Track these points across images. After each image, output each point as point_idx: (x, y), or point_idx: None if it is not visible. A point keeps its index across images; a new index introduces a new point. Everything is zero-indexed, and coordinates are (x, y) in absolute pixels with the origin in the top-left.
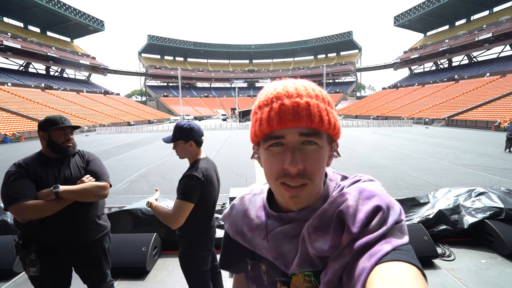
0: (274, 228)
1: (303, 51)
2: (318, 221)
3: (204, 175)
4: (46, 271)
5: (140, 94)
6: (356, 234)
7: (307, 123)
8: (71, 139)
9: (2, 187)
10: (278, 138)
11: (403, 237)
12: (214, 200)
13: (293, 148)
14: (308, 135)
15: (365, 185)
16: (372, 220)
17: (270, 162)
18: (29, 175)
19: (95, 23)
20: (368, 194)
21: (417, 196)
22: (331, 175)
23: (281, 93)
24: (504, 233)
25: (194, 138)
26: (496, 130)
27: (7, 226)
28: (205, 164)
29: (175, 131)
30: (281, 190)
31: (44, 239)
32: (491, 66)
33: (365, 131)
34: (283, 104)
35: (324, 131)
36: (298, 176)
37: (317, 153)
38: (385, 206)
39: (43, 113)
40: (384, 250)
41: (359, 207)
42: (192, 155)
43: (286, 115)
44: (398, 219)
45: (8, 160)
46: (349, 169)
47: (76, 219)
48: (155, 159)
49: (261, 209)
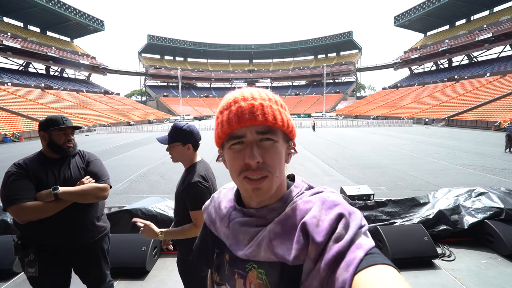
0: (235, 218)
1: (303, 51)
2: (281, 228)
3: (206, 179)
4: (44, 272)
5: (140, 94)
6: (323, 244)
7: (262, 121)
8: (72, 140)
9: (1, 187)
10: (238, 138)
11: (369, 239)
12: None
13: (252, 144)
14: (264, 133)
15: (326, 195)
16: (336, 228)
17: (233, 159)
18: (29, 175)
19: (95, 23)
20: (330, 204)
21: (417, 196)
22: (298, 183)
23: (238, 97)
24: (504, 233)
25: (192, 141)
26: (496, 130)
27: (8, 226)
28: (203, 167)
29: (172, 132)
30: (244, 184)
31: (43, 240)
32: (491, 66)
33: (365, 131)
34: (240, 106)
35: (278, 129)
36: (259, 168)
37: (273, 147)
38: (347, 212)
39: (43, 113)
40: (358, 257)
41: (322, 217)
42: (188, 159)
43: (243, 115)
44: (361, 223)
45: (8, 160)
46: (349, 169)
47: (75, 220)
48: (155, 159)
49: (230, 202)
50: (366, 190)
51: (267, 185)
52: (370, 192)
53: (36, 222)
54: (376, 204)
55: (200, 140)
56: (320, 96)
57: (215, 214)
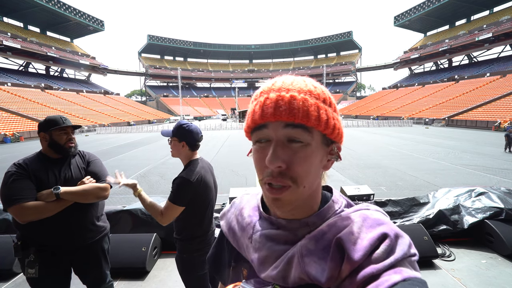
0: (261, 230)
1: (303, 51)
2: (315, 244)
3: (196, 178)
4: (44, 273)
5: (140, 94)
6: (359, 263)
7: (289, 117)
8: (73, 139)
9: (1, 187)
10: (262, 132)
11: (416, 272)
12: (210, 203)
13: (277, 143)
14: (293, 127)
15: (369, 212)
16: (377, 248)
17: (255, 158)
18: (29, 175)
19: (95, 23)
20: (372, 222)
21: (417, 196)
22: (336, 197)
23: (270, 87)
24: (504, 233)
25: (188, 140)
26: (496, 130)
27: (9, 226)
28: (199, 166)
29: (174, 127)
30: (264, 190)
31: (42, 240)
32: (491, 66)
33: (365, 131)
34: (268, 98)
35: (313, 128)
36: (279, 175)
37: (303, 151)
38: (393, 234)
39: (43, 113)
40: (392, 280)
41: (362, 235)
42: (184, 156)
43: (268, 108)
44: (408, 251)
45: (8, 160)
46: (349, 169)
47: (75, 220)
48: (155, 159)
49: (255, 209)
50: (366, 190)
51: (288, 196)
52: (370, 192)
53: (36, 222)
54: (376, 204)
55: (199, 141)
56: None
57: (235, 222)
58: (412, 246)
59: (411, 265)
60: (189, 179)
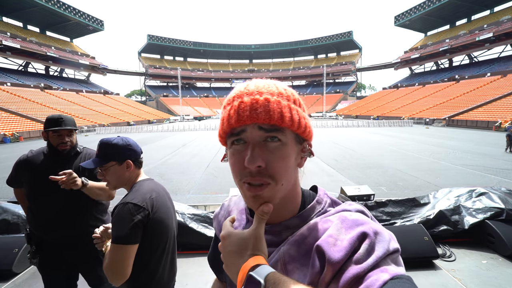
0: None
1: (303, 51)
2: (296, 249)
3: (146, 201)
4: (46, 266)
5: (139, 94)
6: (340, 264)
7: (265, 119)
8: (66, 142)
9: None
10: (239, 135)
11: (400, 268)
12: (171, 235)
13: (254, 144)
14: (268, 130)
15: (348, 214)
16: (358, 248)
17: (232, 160)
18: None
19: (94, 23)
20: (351, 223)
21: (418, 197)
22: (320, 197)
23: (242, 92)
24: (504, 233)
25: (131, 156)
26: (497, 130)
27: (9, 226)
28: (150, 185)
29: (102, 150)
30: (243, 189)
31: (44, 235)
32: (492, 66)
33: (366, 131)
34: (242, 102)
35: (287, 129)
36: (259, 174)
37: (279, 150)
38: (372, 232)
39: (42, 113)
40: (382, 279)
41: (341, 236)
42: (129, 181)
43: (243, 112)
44: (389, 248)
45: (7, 160)
46: (349, 169)
47: (79, 217)
48: (155, 159)
49: (242, 212)
50: (366, 190)
51: (268, 193)
52: (370, 192)
53: (39, 219)
54: (376, 204)
55: (141, 155)
56: (320, 96)
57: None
58: (392, 241)
59: (393, 262)
60: (136, 204)
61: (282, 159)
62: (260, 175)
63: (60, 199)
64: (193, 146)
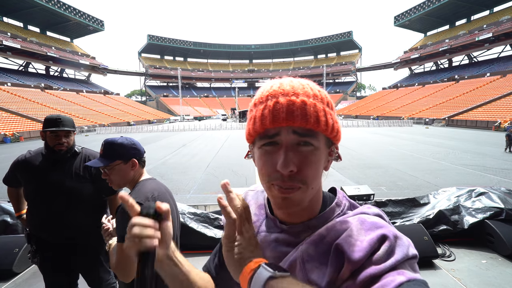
0: (265, 230)
1: (303, 51)
2: (314, 249)
3: (148, 199)
4: (46, 266)
5: (140, 94)
6: (360, 264)
7: (301, 123)
8: (63, 143)
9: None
10: (272, 137)
11: (416, 274)
12: (174, 235)
13: (287, 148)
14: (303, 135)
15: (367, 216)
16: (377, 249)
17: (262, 161)
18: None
19: (95, 23)
20: (370, 225)
21: (418, 197)
22: (340, 200)
23: (277, 91)
24: (504, 233)
25: (136, 155)
26: (497, 130)
27: (8, 226)
28: (152, 185)
29: (108, 150)
30: (272, 190)
31: (44, 236)
32: (492, 66)
33: (365, 131)
34: (278, 102)
35: (320, 133)
36: (290, 179)
37: (313, 155)
38: (392, 235)
39: (42, 113)
40: (398, 281)
41: (361, 237)
42: (133, 180)
43: (279, 113)
44: (408, 253)
45: (8, 160)
46: (349, 169)
47: (78, 218)
48: (155, 159)
49: (261, 208)
50: (366, 190)
51: (298, 196)
52: (370, 192)
53: (38, 219)
54: (376, 204)
55: (144, 154)
56: None
57: None
58: (411, 247)
59: (411, 267)
60: (141, 203)
61: (314, 164)
62: (291, 180)
63: (59, 200)
64: (193, 146)
